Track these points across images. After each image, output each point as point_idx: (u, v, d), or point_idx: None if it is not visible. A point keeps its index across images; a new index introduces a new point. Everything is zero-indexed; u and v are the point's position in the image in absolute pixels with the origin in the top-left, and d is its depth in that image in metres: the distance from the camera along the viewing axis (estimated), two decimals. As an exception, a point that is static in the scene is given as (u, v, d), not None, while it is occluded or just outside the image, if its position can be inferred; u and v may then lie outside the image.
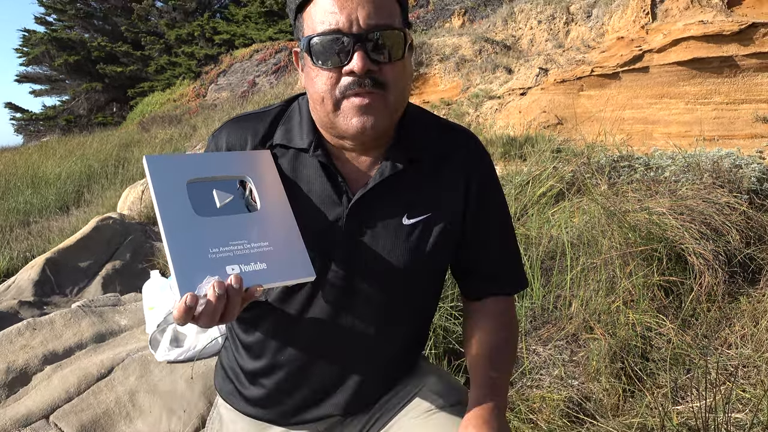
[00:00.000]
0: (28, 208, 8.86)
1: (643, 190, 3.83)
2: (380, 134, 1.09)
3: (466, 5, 13.30)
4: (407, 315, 1.23)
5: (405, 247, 1.14)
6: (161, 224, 0.97)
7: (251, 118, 1.21)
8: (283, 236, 1.05)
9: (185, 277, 0.92)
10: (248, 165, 1.11)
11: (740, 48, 6.37)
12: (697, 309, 2.94)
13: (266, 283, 0.98)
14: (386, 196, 1.13)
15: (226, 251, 0.98)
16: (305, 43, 1.04)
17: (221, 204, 1.04)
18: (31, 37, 28.46)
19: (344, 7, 0.99)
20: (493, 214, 1.23)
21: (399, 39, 1.03)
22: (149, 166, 1.01)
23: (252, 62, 19.71)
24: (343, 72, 1.01)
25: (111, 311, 3.26)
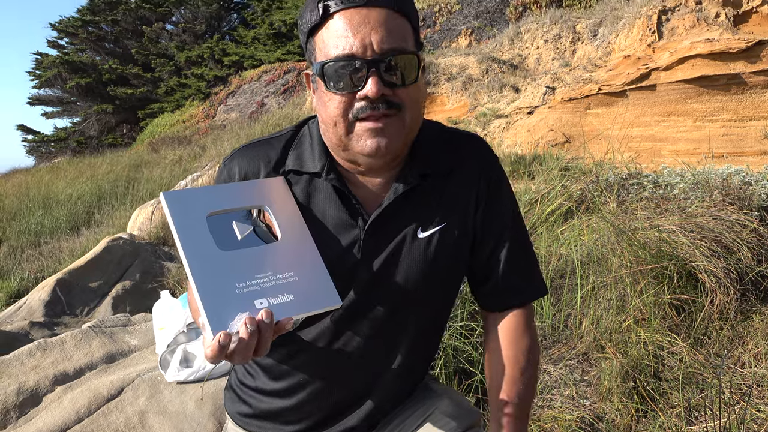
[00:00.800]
0: (40, 229, 8.93)
1: (653, 207, 3.81)
2: (394, 156, 1.10)
3: (473, 25, 13.40)
4: (424, 327, 1.24)
5: (422, 260, 1.15)
6: (186, 262, 0.95)
7: (262, 144, 1.21)
8: (307, 265, 1.04)
9: (216, 316, 0.91)
10: (264, 194, 1.10)
11: (747, 65, 6.38)
12: (710, 327, 2.92)
13: (295, 314, 0.97)
14: (400, 212, 1.14)
15: (253, 285, 0.97)
16: (318, 68, 1.04)
17: (242, 236, 1.04)
18: (44, 61, 28.88)
19: (358, 32, 1.00)
20: (504, 216, 1.22)
21: (412, 62, 1.04)
22: (168, 202, 1.00)
23: (260, 83, 19.90)
24: (357, 96, 1.02)
25: (121, 331, 3.26)
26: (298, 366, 1.21)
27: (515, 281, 1.22)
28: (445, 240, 1.16)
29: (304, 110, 13.59)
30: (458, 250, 1.18)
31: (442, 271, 1.18)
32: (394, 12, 1.03)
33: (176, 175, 11.70)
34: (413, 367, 1.28)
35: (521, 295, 1.23)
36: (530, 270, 1.26)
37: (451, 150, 1.21)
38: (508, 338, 1.20)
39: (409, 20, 1.06)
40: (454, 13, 14.48)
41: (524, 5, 12.91)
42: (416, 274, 1.15)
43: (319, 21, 1.04)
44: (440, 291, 1.22)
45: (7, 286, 6.22)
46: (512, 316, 1.22)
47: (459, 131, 1.26)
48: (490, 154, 1.24)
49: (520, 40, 10.25)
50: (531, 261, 1.26)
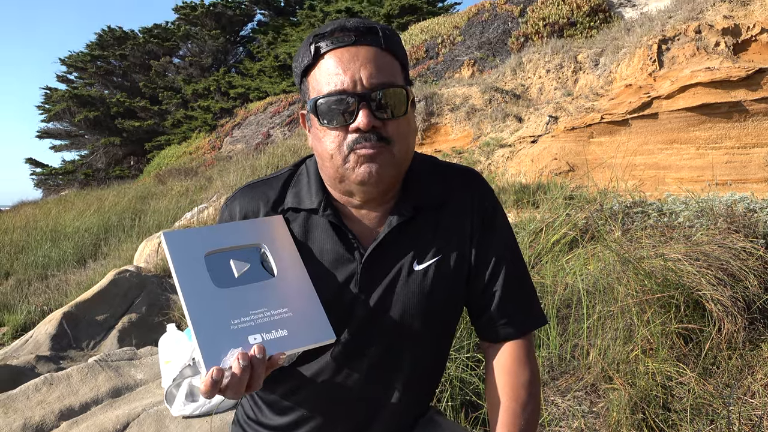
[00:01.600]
0: (47, 262, 8.98)
1: (658, 236, 3.81)
2: (386, 184, 1.13)
3: (475, 56, 13.57)
4: (425, 359, 1.24)
5: (419, 292, 1.16)
6: (183, 300, 0.99)
7: (262, 184, 1.26)
8: (302, 301, 1.07)
9: (210, 352, 0.94)
10: (262, 232, 1.14)
11: (748, 93, 6.43)
12: (718, 357, 2.89)
13: (288, 349, 1.00)
14: (396, 245, 1.17)
15: (247, 321, 1.00)
16: (312, 105, 1.09)
17: (239, 273, 1.07)
18: (53, 95, 29.36)
19: (348, 69, 1.05)
20: (499, 246, 1.23)
21: (401, 96, 1.09)
22: (168, 242, 1.05)
23: (266, 115, 20.12)
24: (349, 129, 1.07)
25: (127, 365, 3.26)
26: (301, 401, 1.22)
27: (512, 312, 1.22)
28: (441, 272, 1.18)
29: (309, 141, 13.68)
30: (455, 281, 1.20)
31: (439, 303, 1.19)
32: (382, 50, 1.09)
33: (182, 207, 11.77)
34: (415, 400, 1.28)
35: (519, 325, 1.23)
36: (528, 300, 1.26)
37: (444, 182, 1.23)
38: (507, 370, 1.20)
39: (396, 58, 1.12)
40: (457, 44, 14.68)
41: (526, 36, 13.08)
42: (413, 307, 1.16)
43: (312, 62, 1.09)
44: (438, 323, 1.23)
45: (14, 319, 6.23)
46: (511, 347, 1.22)
47: (453, 165, 1.29)
48: (484, 185, 1.26)
49: (522, 70, 10.37)
50: (528, 291, 1.27)
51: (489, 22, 14.70)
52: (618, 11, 13.35)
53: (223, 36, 28.78)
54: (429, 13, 23.99)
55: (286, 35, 27.57)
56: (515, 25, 13.91)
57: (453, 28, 15.69)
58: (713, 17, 7.65)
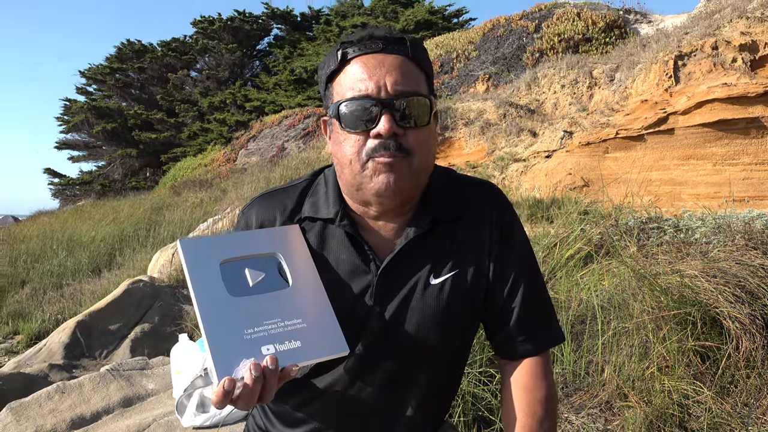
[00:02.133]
0: (62, 271, 9.05)
1: (674, 252, 3.77)
2: (404, 196, 1.12)
3: (490, 71, 13.59)
4: (440, 374, 1.23)
5: (435, 306, 1.14)
6: (197, 308, 0.99)
7: (279, 193, 1.25)
8: (316, 312, 1.06)
9: (223, 362, 0.94)
10: (278, 241, 1.13)
11: (766, 109, 6.37)
12: (736, 375, 2.84)
13: (301, 361, 0.99)
14: (413, 258, 1.15)
15: (260, 331, 0.99)
16: (335, 108, 1.09)
17: (254, 282, 1.06)
18: (72, 106, 29.78)
19: (373, 75, 1.05)
20: (517, 262, 1.21)
21: (425, 106, 1.08)
22: (183, 250, 1.04)
23: (281, 128, 20.25)
24: (370, 135, 1.06)
25: (139, 375, 3.27)
26: (313, 413, 1.21)
27: (530, 328, 1.21)
28: (457, 286, 1.16)
29: (323, 154, 13.76)
30: (471, 296, 1.18)
31: (455, 317, 1.17)
32: (409, 59, 1.09)
33: (197, 218, 11.84)
34: (430, 414, 1.26)
35: (537, 342, 1.21)
36: (546, 317, 1.24)
37: (463, 196, 1.22)
38: (524, 387, 1.18)
39: (422, 69, 1.12)
40: (472, 59, 14.72)
41: (541, 51, 13.09)
42: (429, 321, 1.14)
43: (338, 66, 1.09)
44: (454, 338, 1.21)
45: (29, 327, 6.27)
46: (528, 364, 1.20)
47: (472, 178, 1.28)
48: (503, 199, 1.25)
49: (537, 85, 10.36)
50: (546, 308, 1.25)
51: (504, 37, 14.73)
52: (634, 27, 13.33)
53: (239, 50, 29.09)
54: (444, 28, 24.11)
55: (302, 49, 27.81)
56: (530, 40, 13.93)
57: (468, 43, 15.74)
58: (730, 33, 7.61)
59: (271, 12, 29.69)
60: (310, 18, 30.29)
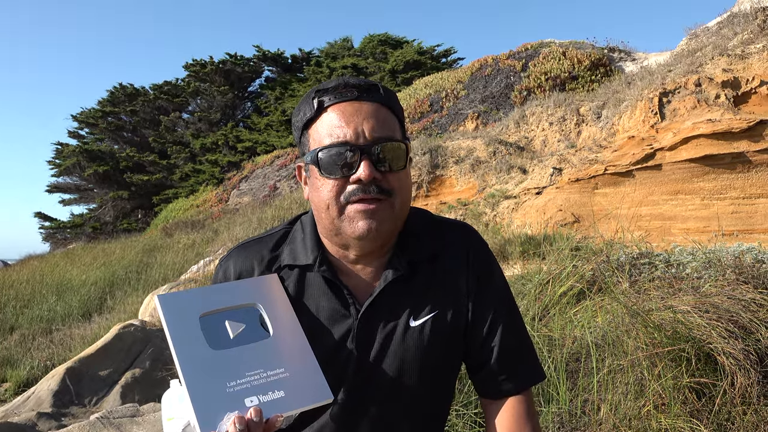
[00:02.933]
0: (52, 316, 8.95)
1: (666, 287, 3.78)
2: (384, 239, 1.14)
3: (479, 109, 13.79)
4: (424, 416, 1.22)
5: (415, 348, 1.15)
6: (178, 364, 0.98)
7: (256, 243, 1.26)
8: (298, 360, 1.06)
9: (206, 416, 0.93)
10: (257, 291, 1.13)
11: (751, 144, 6.48)
12: (732, 412, 2.82)
13: (286, 411, 0.98)
14: (392, 301, 1.16)
15: (243, 383, 0.99)
16: (313, 155, 1.10)
17: (234, 334, 1.05)
18: (64, 150, 29.85)
19: (351, 122, 1.08)
20: (496, 302, 1.22)
21: (401, 150, 1.11)
22: (162, 306, 1.04)
23: (273, 168, 20.35)
24: (350, 180, 1.08)
25: (129, 422, 3.21)
26: None
27: (510, 367, 1.22)
28: (437, 328, 1.17)
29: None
30: (451, 338, 1.19)
31: (436, 359, 1.18)
32: (383, 106, 1.12)
33: (189, 260, 11.78)
34: None
35: (518, 381, 1.22)
36: (526, 355, 1.25)
37: (439, 237, 1.23)
38: (508, 428, 1.19)
39: (395, 114, 1.15)
40: (461, 98, 14.94)
41: (528, 89, 13.32)
42: (410, 363, 1.15)
43: (314, 115, 1.12)
44: (436, 380, 1.21)
45: (17, 375, 6.17)
46: (511, 403, 1.21)
47: (446, 219, 1.29)
48: (478, 240, 1.27)
49: (525, 122, 10.52)
50: (526, 346, 1.26)
51: (492, 76, 15.00)
52: (618, 65, 13.62)
53: (231, 92, 29.42)
54: (433, 68, 24.53)
55: (293, 90, 28.17)
56: (518, 79, 14.19)
57: (457, 82, 16.01)
58: (712, 70, 7.79)
59: (262, 54, 30.15)
60: (300, 60, 30.77)
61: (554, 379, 3.14)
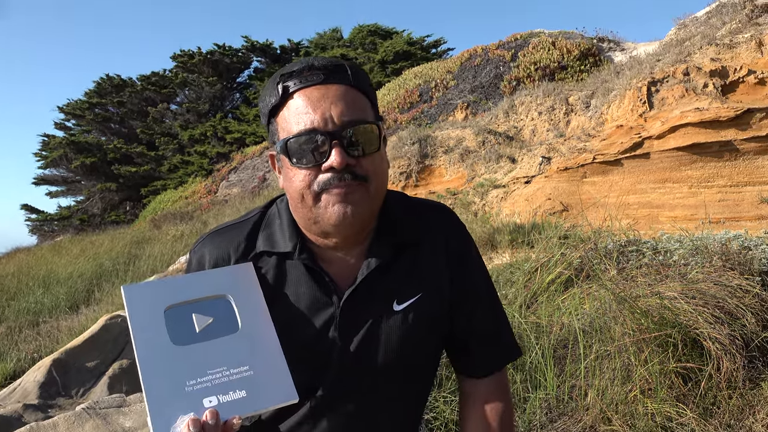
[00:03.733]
0: (39, 308, 8.89)
1: (653, 274, 3.80)
2: (362, 224, 1.10)
3: (468, 99, 13.77)
4: (407, 401, 1.22)
5: (399, 333, 1.13)
6: (137, 358, 0.93)
7: (231, 229, 1.21)
8: (265, 357, 1.00)
9: (160, 417, 0.88)
10: (229, 282, 1.07)
11: (738, 133, 6.51)
12: (718, 396, 2.84)
13: (245, 412, 0.93)
14: (375, 287, 1.14)
15: (203, 382, 0.94)
16: (282, 145, 1.05)
17: (201, 328, 1.00)
18: (50, 142, 29.54)
19: (318, 107, 1.03)
20: (476, 283, 1.23)
21: (373, 132, 1.07)
22: (126, 296, 0.98)
23: (262, 159, 20.26)
24: (322, 168, 1.03)
25: (116, 413, 3.19)
26: None
27: (490, 346, 1.24)
28: (421, 311, 1.15)
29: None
30: (435, 320, 1.18)
31: (421, 342, 1.17)
32: (352, 88, 1.07)
33: (178, 251, 11.72)
34: None
35: (497, 359, 1.25)
36: (503, 333, 1.27)
37: (418, 220, 1.21)
38: (485, 402, 1.21)
39: (365, 95, 1.10)
40: (450, 88, 14.91)
41: (518, 79, 13.31)
42: (395, 348, 1.13)
43: (279, 101, 1.07)
44: (421, 362, 1.21)
45: (3, 367, 6.12)
46: (489, 381, 1.23)
47: (424, 201, 1.27)
48: (456, 222, 1.25)
49: (514, 112, 10.51)
50: (503, 324, 1.27)
51: (481, 66, 14.97)
52: (607, 55, 13.63)
53: (220, 82, 29.20)
54: (422, 58, 24.46)
55: (282, 81, 28.00)
56: (507, 69, 14.17)
57: (446, 72, 15.96)
58: (701, 60, 7.81)
59: (250, 45, 29.94)
60: (289, 50, 30.58)
61: (542, 365, 3.15)
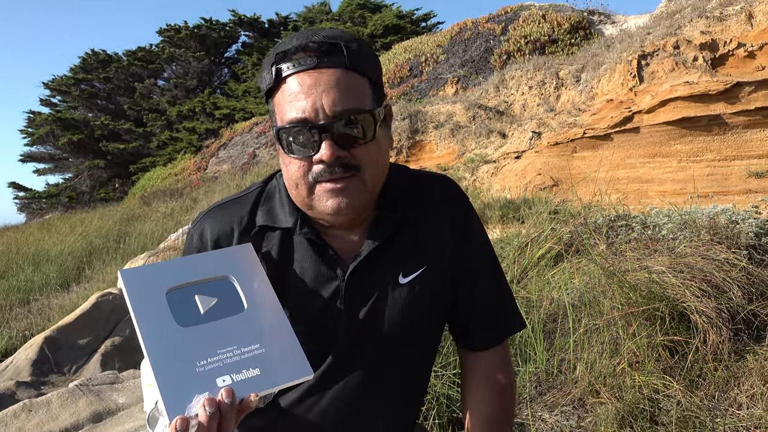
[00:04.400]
0: (29, 286, 8.85)
1: (642, 248, 3.83)
2: (359, 212, 1.09)
3: (459, 74, 13.68)
4: (412, 375, 1.23)
5: (405, 306, 1.13)
6: (143, 344, 0.91)
7: (233, 204, 1.19)
8: (275, 335, 0.99)
9: (173, 399, 0.86)
10: (230, 263, 1.05)
11: (727, 106, 6.52)
12: (704, 369, 2.89)
13: (261, 390, 0.92)
14: (379, 260, 1.13)
15: (215, 362, 0.92)
16: (275, 133, 1.04)
17: (205, 309, 0.98)
18: (36, 118, 29.17)
19: (309, 95, 0.99)
20: (480, 254, 1.22)
21: (368, 121, 1.02)
22: (125, 281, 0.96)
23: (252, 135, 20.10)
24: (314, 160, 1.01)
25: (109, 389, 3.20)
26: (282, 428, 1.18)
27: (494, 318, 1.23)
28: (426, 284, 1.15)
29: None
30: (440, 291, 1.18)
31: (426, 314, 1.17)
32: (348, 71, 1.01)
33: (168, 228, 11.68)
34: (403, 419, 1.26)
35: (500, 331, 1.25)
36: (508, 305, 1.26)
37: (421, 193, 1.20)
38: (488, 376, 1.21)
39: (364, 75, 1.04)
40: (440, 63, 14.81)
41: (508, 53, 13.23)
42: (400, 320, 1.13)
43: (274, 84, 1.04)
44: (426, 334, 1.21)
45: (-6, 345, 6.11)
46: (491, 353, 1.23)
47: (426, 174, 1.26)
48: (460, 193, 1.25)
49: (505, 87, 10.47)
50: (508, 296, 1.27)
51: (471, 40, 14.86)
52: (598, 28, 13.56)
53: (207, 58, 28.82)
54: (412, 32, 24.22)
55: (271, 56, 27.70)
56: (497, 43, 14.07)
57: (436, 46, 15.83)
58: (691, 33, 7.78)
59: (238, 19, 29.51)
60: (277, 24, 30.18)
61: (531, 339, 3.19)
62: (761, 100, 6.40)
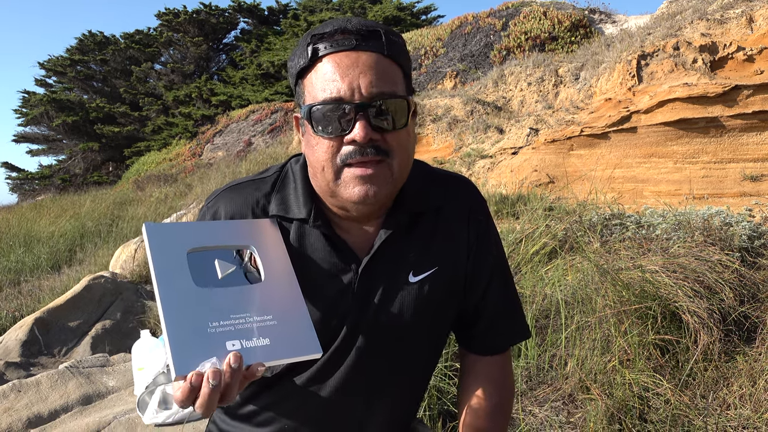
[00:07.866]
0: (20, 267, 8.80)
1: (636, 248, 3.84)
2: (383, 202, 1.08)
3: (458, 68, 13.66)
4: (415, 371, 1.23)
5: (414, 305, 1.13)
6: (158, 296, 0.91)
7: (248, 185, 1.17)
8: (289, 310, 0.99)
9: (182, 355, 0.86)
10: (253, 234, 1.06)
11: (725, 109, 6.53)
12: (694, 368, 2.91)
13: (269, 360, 0.92)
14: (392, 256, 1.13)
15: (227, 325, 0.92)
16: (306, 111, 1.02)
17: (223, 274, 0.99)
18: (31, 99, 28.93)
19: (346, 75, 0.98)
20: (493, 259, 1.22)
21: (402, 107, 1.02)
22: (149, 234, 0.96)
23: (248, 122, 20.03)
24: (344, 141, 1.00)
25: (99, 372, 3.19)
26: (284, 413, 1.18)
27: (501, 325, 1.23)
28: (436, 284, 1.15)
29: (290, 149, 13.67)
30: (450, 293, 1.17)
31: (434, 315, 1.17)
32: (384, 57, 1.01)
33: (161, 213, 11.64)
34: (404, 412, 1.26)
35: (505, 338, 1.25)
36: (515, 313, 1.26)
37: (439, 191, 1.19)
38: (491, 380, 1.21)
39: (399, 65, 1.04)
40: (440, 56, 14.77)
41: (508, 49, 13.21)
42: (408, 318, 1.13)
43: (308, 64, 1.02)
44: (432, 335, 1.21)
45: (-16, 325, 6.08)
46: (494, 359, 1.24)
47: (446, 172, 1.25)
48: (478, 196, 1.24)
49: (503, 82, 10.45)
50: (516, 303, 1.27)
51: (472, 34, 14.82)
52: (598, 27, 13.55)
53: (205, 43, 28.63)
54: (413, 25, 24.14)
55: (270, 44, 27.54)
56: (497, 38, 14.04)
57: (436, 40, 15.79)
58: (691, 35, 7.79)
59: (237, 5, 29.31)
60: (277, 12, 30.01)
61: (524, 334, 3.20)
62: (759, 104, 6.41)
